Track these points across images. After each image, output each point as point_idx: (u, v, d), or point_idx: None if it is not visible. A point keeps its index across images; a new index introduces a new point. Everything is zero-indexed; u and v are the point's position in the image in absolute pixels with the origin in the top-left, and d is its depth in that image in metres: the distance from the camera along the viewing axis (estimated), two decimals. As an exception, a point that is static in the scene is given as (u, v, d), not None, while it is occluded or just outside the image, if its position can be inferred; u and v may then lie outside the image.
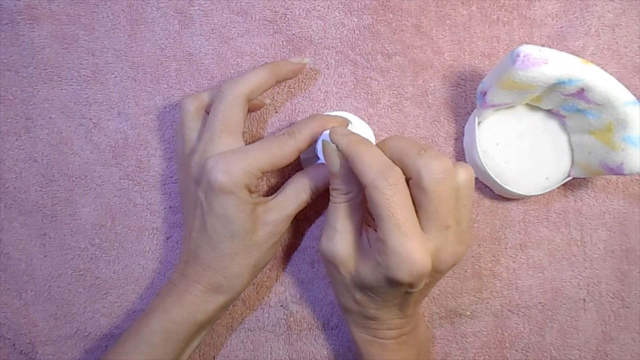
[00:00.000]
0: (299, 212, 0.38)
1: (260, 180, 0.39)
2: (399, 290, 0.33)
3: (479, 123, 0.41)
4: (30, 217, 0.42)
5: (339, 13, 0.43)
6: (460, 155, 0.43)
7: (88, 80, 0.43)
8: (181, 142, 0.39)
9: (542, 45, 0.42)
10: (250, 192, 0.36)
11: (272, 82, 0.38)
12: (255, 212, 0.36)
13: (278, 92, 0.43)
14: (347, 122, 0.38)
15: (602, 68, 0.42)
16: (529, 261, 0.43)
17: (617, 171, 0.36)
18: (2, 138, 0.42)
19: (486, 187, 0.43)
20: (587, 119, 0.38)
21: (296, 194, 0.38)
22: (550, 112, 0.41)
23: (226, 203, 0.35)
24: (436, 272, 0.33)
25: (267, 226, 0.37)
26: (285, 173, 0.43)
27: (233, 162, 0.35)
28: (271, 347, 0.42)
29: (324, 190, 0.39)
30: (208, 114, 0.39)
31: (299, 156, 0.41)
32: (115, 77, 0.43)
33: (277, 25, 0.43)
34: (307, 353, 0.42)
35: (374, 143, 0.41)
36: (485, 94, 0.38)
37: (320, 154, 0.38)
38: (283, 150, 0.36)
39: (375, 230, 0.33)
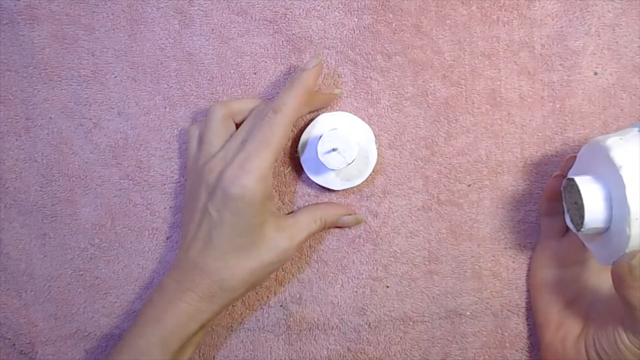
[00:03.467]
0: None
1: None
2: None
3: None
4: (30, 217, 0.42)
5: (339, 13, 0.43)
6: (461, 154, 0.43)
7: (88, 80, 0.43)
8: (198, 144, 0.39)
9: (542, 45, 0.42)
10: (268, 198, 0.36)
11: (306, 110, 0.41)
12: (266, 226, 0.36)
13: (278, 92, 0.43)
14: (334, 96, 0.41)
15: (601, 68, 0.43)
16: (528, 261, 0.43)
17: None
18: (2, 138, 0.42)
19: (487, 187, 0.43)
20: None
21: (308, 223, 0.39)
22: None
23: (240, 217, 0.35)
24: None
25: (276, 249, 0.37)
26: (286, 179, 0.43)
27: (244, 173, 0.35)
28: (271, 347, 0.42)
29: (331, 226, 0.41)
30: (235, 123, 0.40)
31: (300, 158, 0.41)
32: (115, 77, 0.43)
33: (277, 25, 0.43)
34: (307, 353, 0.42)
35: (374, 143, 0.41)
36: None
37: (321, 156, 0.38)
38: (276, 133, 0.36)
39: None
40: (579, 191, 0.32)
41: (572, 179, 0.33)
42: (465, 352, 0.43)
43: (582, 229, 0.33)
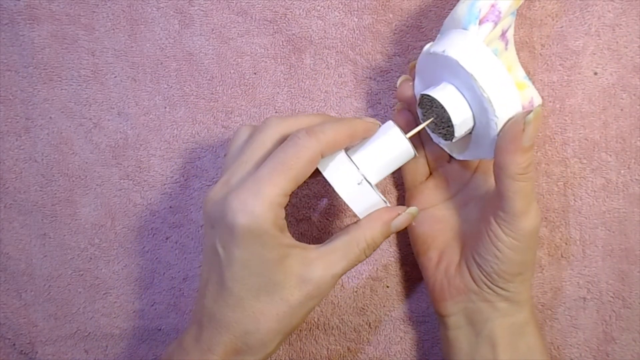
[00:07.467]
0: (299, 211, 0.38)
1: (286, 207, 0.32)
2: None
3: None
4: (30, 217, 0.42)
5: (339, 13, 0.43)
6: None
7: (88, 80, 0.43)
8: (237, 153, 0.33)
9: (542, 45, 0.42)
10: (280, 229, 0.30)
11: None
12: (289, 260, 0.30)
13: (278, 93, 0.43)
14: (376, 126, 0.34)
15: (601, 68, 0.43)
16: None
17: (527, 108, 0.36)
18: (2, 138, 0.42)
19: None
20: None
21: (346, 248, 0.32)
22: None
23: (250, 251, 0.29)
24: None
25: (306, 285, 0.30)
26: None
27: (252, 198, 0.29)
28: (271, 347, 0.42)
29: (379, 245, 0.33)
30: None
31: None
32: (115, 77, 0.43)
33: (277, 25, 0.43)
34: (307, 353, 0.42)
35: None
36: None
37: (328, 174, 0.32)
38: (302, 158, 0.29)
39: None
40: (436, 103, 0.33)
41: (427, 95, 0.33)
42: (465, 352, 0.43)
43: (456, 134, 0.33)
